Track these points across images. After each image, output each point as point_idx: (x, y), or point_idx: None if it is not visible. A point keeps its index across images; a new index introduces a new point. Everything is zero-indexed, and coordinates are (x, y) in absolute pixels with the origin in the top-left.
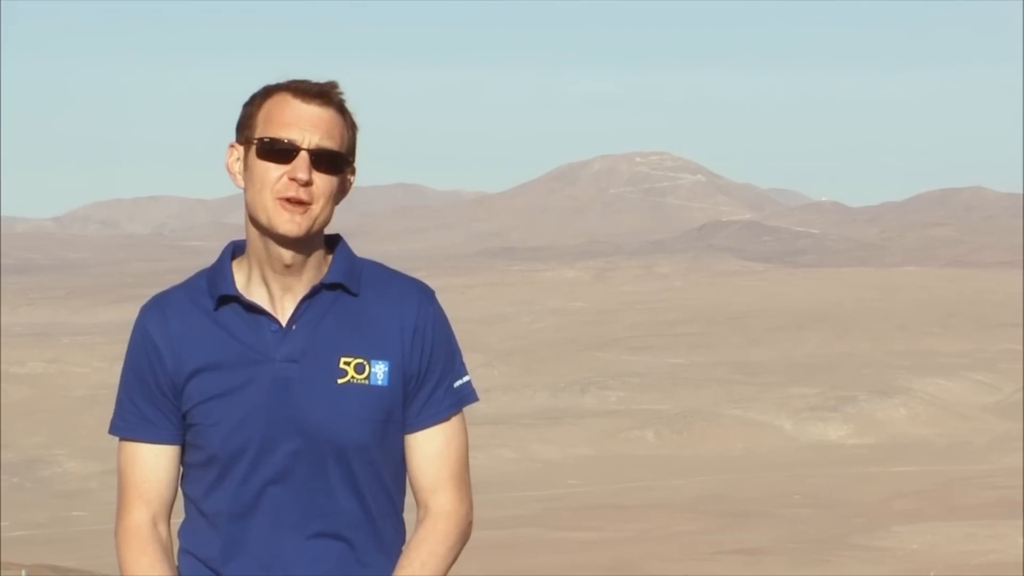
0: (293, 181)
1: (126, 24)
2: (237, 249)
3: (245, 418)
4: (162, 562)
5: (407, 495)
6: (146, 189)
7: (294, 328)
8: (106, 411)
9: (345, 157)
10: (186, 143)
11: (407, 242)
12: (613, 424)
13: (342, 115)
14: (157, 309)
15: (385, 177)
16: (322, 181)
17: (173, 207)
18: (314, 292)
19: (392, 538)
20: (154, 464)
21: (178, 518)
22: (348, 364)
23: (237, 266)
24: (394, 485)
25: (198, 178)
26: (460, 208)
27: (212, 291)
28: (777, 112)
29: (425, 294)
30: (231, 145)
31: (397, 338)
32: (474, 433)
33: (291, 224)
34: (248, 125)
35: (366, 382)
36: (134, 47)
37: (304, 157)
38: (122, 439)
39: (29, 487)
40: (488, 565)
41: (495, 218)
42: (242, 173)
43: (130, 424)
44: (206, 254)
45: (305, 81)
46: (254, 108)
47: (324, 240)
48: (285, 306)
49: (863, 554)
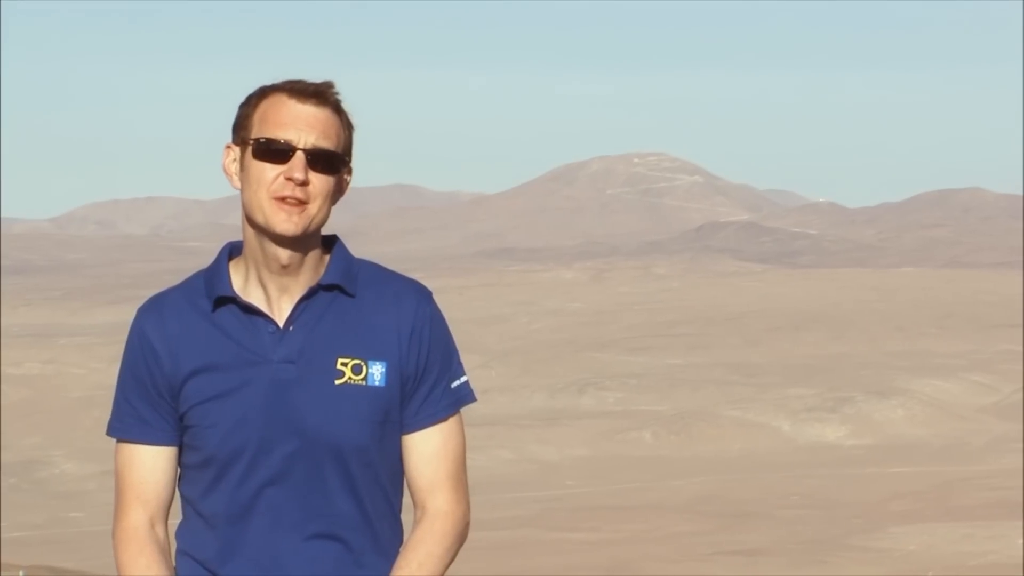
0: (289, 181)
1: (124, 25)
2: (234, 250)
3: (242, 419)
4: (159, 563)
5: (404, 496)
6: (143, 190)
7: (291, 329)
8: (103, 412)
9: (341, 157)
10: (183, 144)
11: (404, 243)
12: (611, 425)
13: (338, 115)
14: (154, 310)
15: (382, 178)
16: (318, 181)
17: (170, 208)
18: (311, 293)
19: (390, 539)
20: (151, 465)
21: (175, 519)
22: (345, 365)
23: (234, 267)
24: (391, 486)
25: (195, 179)
26: (457, 209)
27: (209, 292)
28: (775, 113)
29: (422, 295)
30: (227, 146)
31: (394, 339)
32: (472, 434)
33: (288, 224)
34: (244, 126)
35: (363, 383)
36: (131, 48)
37: (300, 157)
38: (119, 440)
39: (26, 488)
40: (486, 566)
41: (492, 219)
42: (238, 174)
43: (127, 425)
44: (203, 255)
45: (301, 81)
46: (250, 109)
47: (321, 241)
48: (282, 307)
49: (861, 555)
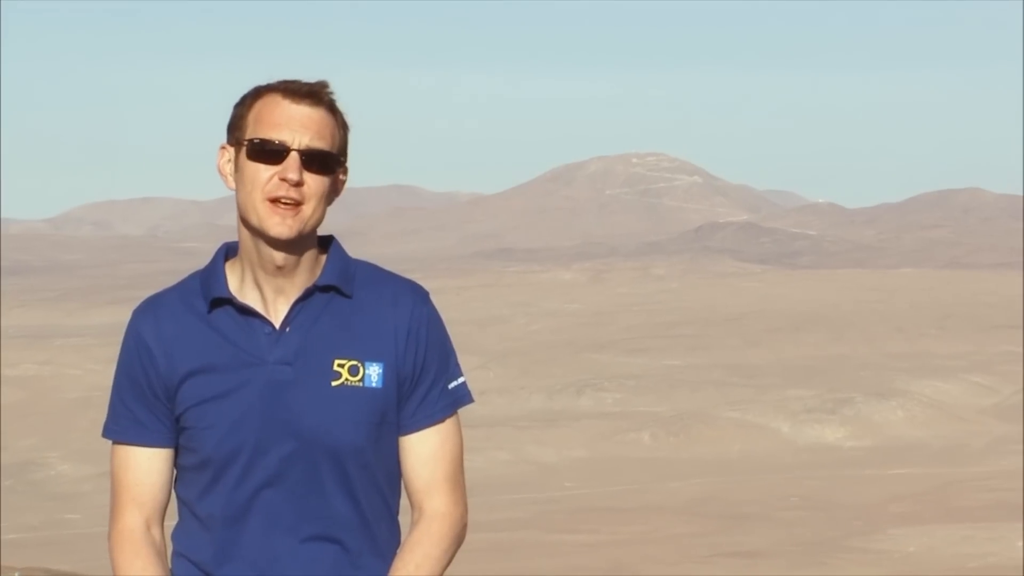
0: (284, 182)
1: (119, 25)
2: (230, 251)
3: (239, 421)
4: (155, 565)
5: (402, 497)
6: (140, 190)
7: (287, 330)
8: (99, 413)
9: (336, 157)
10: (180, 144)
11: (402, 243)
12: (609, 426)
13: (333, 115)
14: (150, 312)
15: (380, 178)
16: (313, 181)
17: (167, 208)
18: (307, 294)
19: (387, 541)
20: (147, 467)
21: (172, 521)
22: (342, 366)
23: (230, 268)
24: (389, 487)
25: (192, 179)
26: (455, 209)
27: (205, 293)
28: (774, 113)
29: (419, 295)
30: (222, 147)
31: (391, 340)
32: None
33: (282, 226)
34: (238, 126)
35: (360, 384)
36: (128, 48)
37: (294, 158)
38: (115, 442)
39: (22, 490)
40: (483, 568)
41: (490, 219)
42: (233, 175)
43: (123, 427)
44: (200, 256)
45: (295, 81)
46: (244, 109)
47: (317, 241)
48: (278, 308)
49: (860, 557)
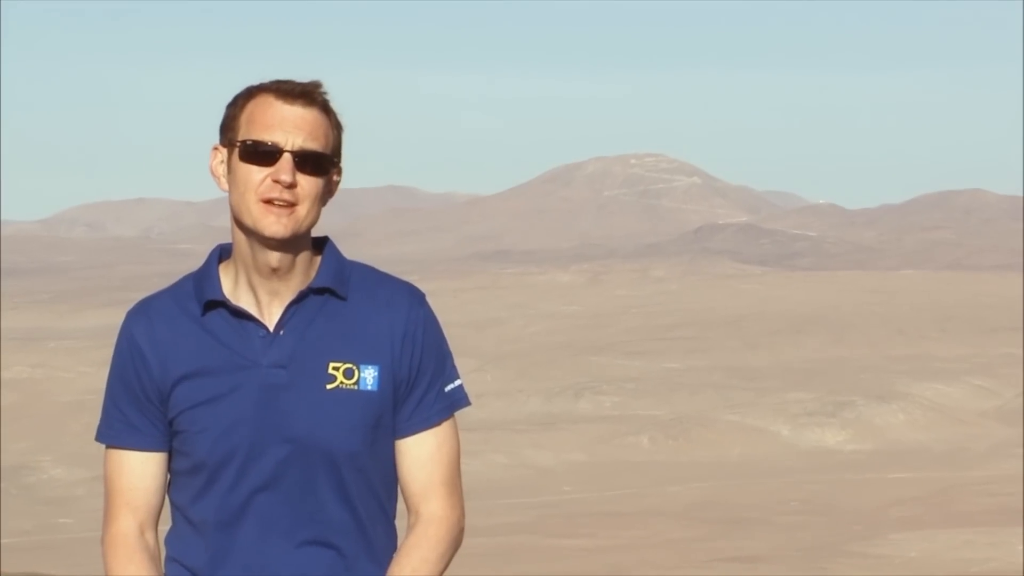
0: (277, 183)
1: (113, 24)
2: (224, 253)
3: (232, 425)
4: (149, 570)
5: (398, 501)
6: (133, 191)
7: (282, 333)
8: (92, 417)
9: (330, 158)
10: (174, 144)
11: (398, 245)
12: (608, 430)
13: (326, 115)
14: (143, 314)
15: (376, 179)
16: (307, 183)
17: (161, 209)
18: (302, 297)
19: (383, 545)
20: (141, 471)
21: (165, 525)
22: (337, 369)
23: (224, 270)
24: (385, 491)
25: (186, 180)
26: (452, 210)
27: (199, 296)
28: (774, 114)
29: (415, 297)
30: (214, 147)
31: (387, 342)
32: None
33: (277, 226)
34: (231, 127)
35: (355, 387)
36: (121, 48)
37: (287, 159)
38: (108, 446)
39: (14, 494)
40: (480, 573)
41: (488, 221)
42: (226, 176)
43: (116, 431)
44: (194, 257)
45: (288, 81)
46: (236, 110)
47: (312, 243)
48: (272, 311)
49: (861, 561)
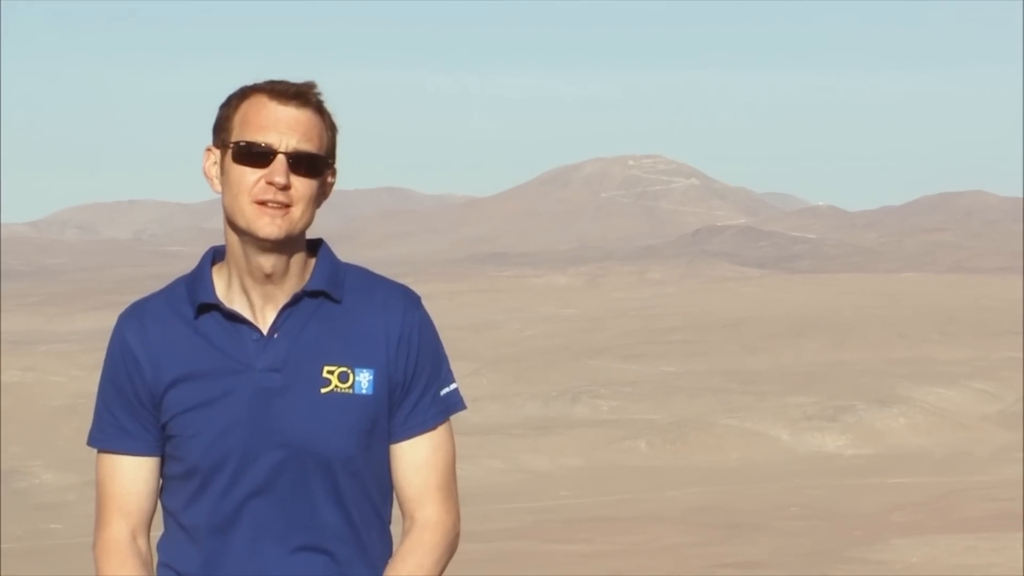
0: (271, 185)
1: (105, 25)
2: (217, 255)
3: (226, 429)
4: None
5: (393, 506)
6: (125, 193)
7: (276, 337)
8: (84, 421)
9: (324, 159)
10: (166, 145)
11: (393, 247)
12: (605, 434)
13: (320, 116)
14: (135, 317)
15: (371, 180)
16: (301, 184)
17: (153, 211)
18: (296, 299)
19: (378, 551)
20: (133, 476)
21: (157, 531)
22: (331, 373)
23: (217, 273)
24: (380, 496)
25: (178, 181)
26: (448, 212)
27: (192, 299)
28: (773, 114)
29: (411, 300)
30: (207, 149)
31: (382, 345)
32: (462, 443)
33: (271, 227)
34: (224, 128)
35: (350, 391)
36: (112, 48)
37: (281, 160)
38: (100, 451)
39: (5, 499)
40: None
41: (484, 223)
42: (219, 177)
43: (108, 435)
44: (187, 259)
45: (282, 82)
46: (230, 110)
47: (306, 245)
48: (266, 314)
49: (861, 567)
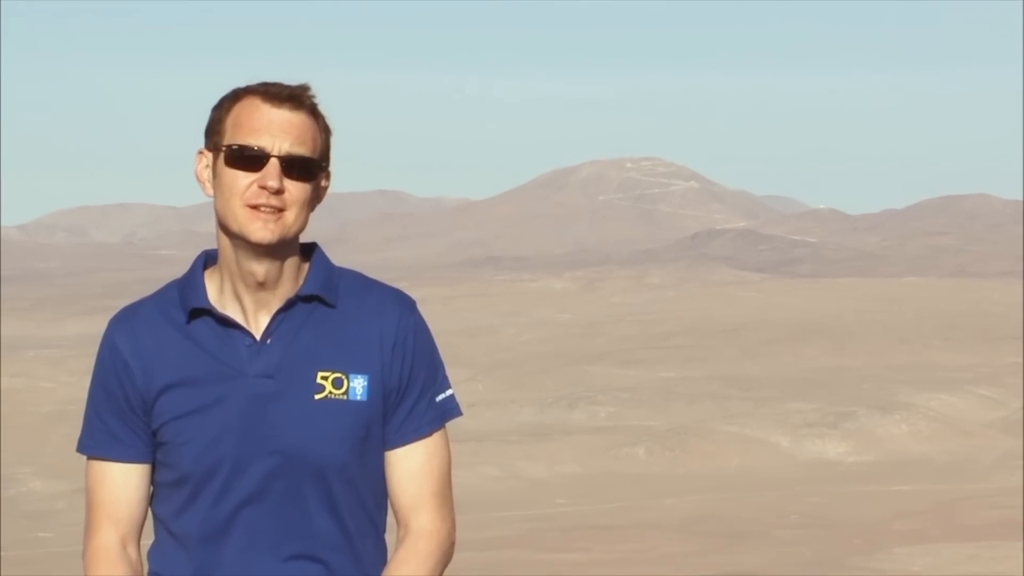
0: (264, 189)
1: (94, 26)
2: (209, 259)
3: (218, 436)
4: None
5: (388, 514)
6: (115, 196)
7: (269, 342)
8: (74, 428)
9: (318, 163)
10: (156, 148)
11: (388, 251)
12: (602, 441)
13: (314, 119)
14: (126, 322)
15: (365, 183)
16: (294, 188)
17: (143, 215)
18: (289, 304)
19: (372, 559)
20: (123, 483)
21: (148, 539)
22: (325, 379)
23: (209, 277)
24: (374, 504)
25: (168, 184)
26: (443, 216)
27: (184, 303)
28: (773, 116)
29: (406, 304)
30: (199, 151)
31: (376, 351)
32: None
33: (264, 231)
34: (216, 131)
35: (344, 397)
36: (101, 50)
37: (275, 164)
38: (90, 457)
39: None
40: None
41: (479, 226)
42: (211, 181)
43: (98, 442)
44: (178, 263)
45: (275, 84)
46: (222, 113)
47: (299, 249)
48: (259, 319)
49: None
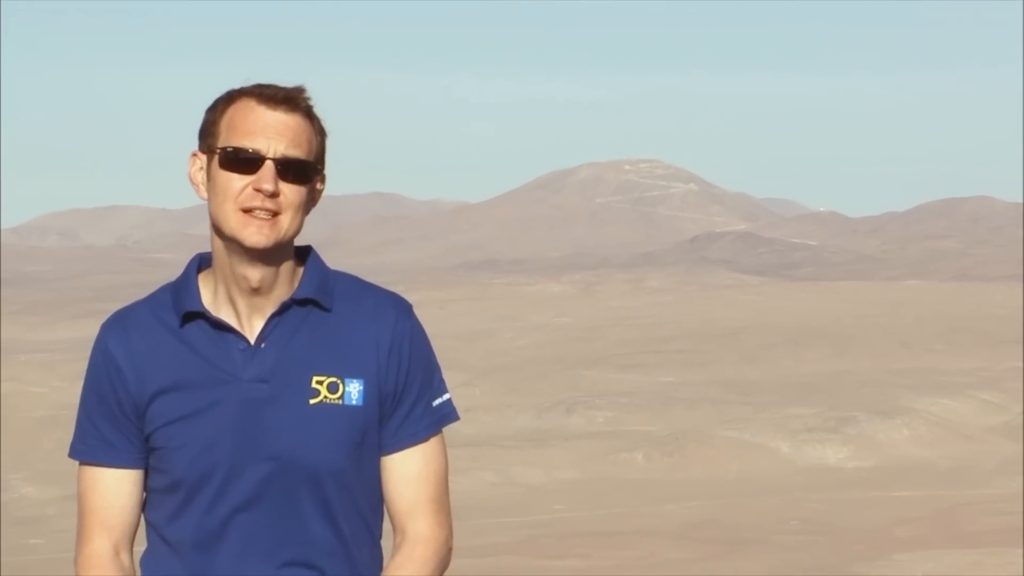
0: (258, 192)
1: (85, 27)
2: (203, 262)
3: (212, 441)
4: None
5: (384, 520)
6: (107, 198)
7: (263, 346)
8: (65, 433)
9: (313, 166)
10: (149, 150)
11: (383, 254)
12: (600, 446)
13: (310, 121)
14: (119, 326)
15: (360, 186)
16: (290, 191)
17: (135, 217)
18: (284, 308)
19: (368, 566)
20: (116, 489)
21: (141, 546)
22: (321, 383)
23: (203, 280)
24: (370, 510)
25: (161, 186)
26: (439, 218)
27: (177, 307)
28: (773, 118)
29: (402, 308)
30: (193, 154)
31: (372, 355)
32: (454, 455)
33: (259, 235)
34: (211, 133)
35: (340, 402)
36: (92, 51)
37: (270, 167)
38: (82, 463)
39: None
40: None
41: (476, 229)
42: (205, 183)
43: (90, 447)
44: (170, 267)
45: (271, 86)
46: (216, 115)
47: (294, 252)
48: (254, 323)
49: None
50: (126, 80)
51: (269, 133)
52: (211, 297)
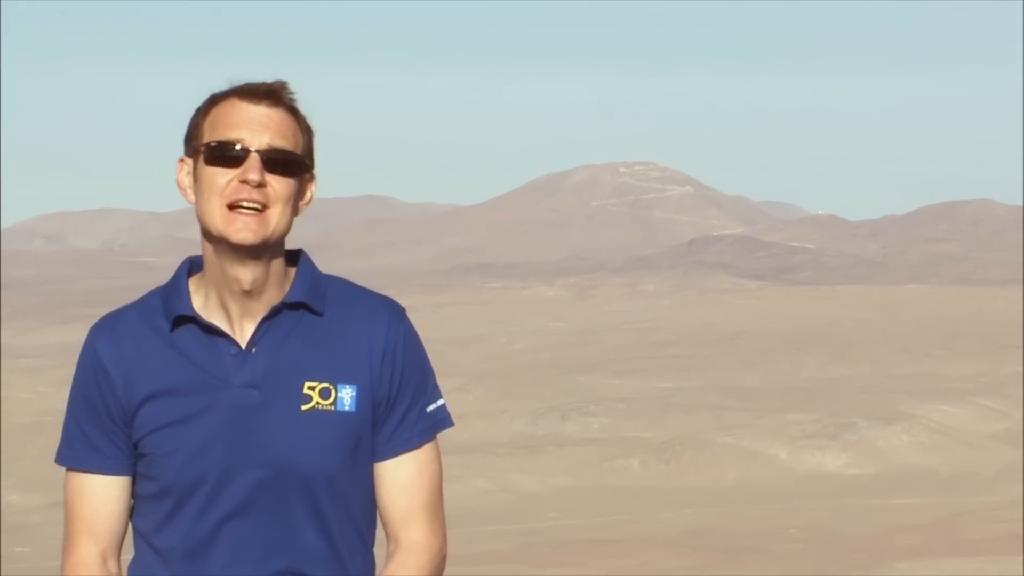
0: (244, 184)
1: (74, 28)
2: (194, 266)
3: (202, 448)
4: None
5: (377, 528)
6: (95, 201)
7: (254, 351)
8: (52, 439)
9: (301, 159)
10: (137, 152)
11: (375, 257)
12: (596, 453)
13: (294, 116)
14: (107, 330)
15: (352, 188)
16: (277, 184)
17: (124, 220)
18: (275, 312)
19: (361, 574)
20: (103, 496)
21: (128, 554)
22: (313, 389)
23: (194, 284)
24: (363, 518)
25: (150, 190)
26: (432, 221)
27: (167, 311)
28: (771, 120)
29: (395, 312)
30: (180, 159)
31: (365, 360)
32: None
33: (245, 231)
34: (195, 135)
35: (332, 408)
36: (81, 52)
37: (255, 158)
38: (69, 469)
39: None
40: None
41: (469, 232)
42: (192, 187)
43: (78, 453)
44: (160, 271)
45: (251, 83)
46: (200, 117)
47: (285, 255)
48: (245, 327)
49: None
50: (115, 83)
51: (253, 126)
52: (202, 301)
